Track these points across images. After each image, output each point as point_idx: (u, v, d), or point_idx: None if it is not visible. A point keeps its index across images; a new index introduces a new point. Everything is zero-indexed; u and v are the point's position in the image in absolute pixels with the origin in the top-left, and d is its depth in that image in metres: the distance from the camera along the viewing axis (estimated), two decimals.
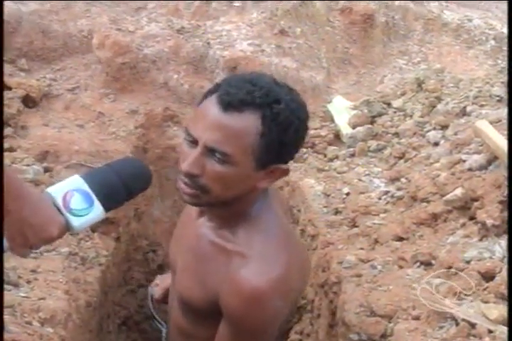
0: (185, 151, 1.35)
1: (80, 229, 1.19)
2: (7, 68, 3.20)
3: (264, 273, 1.36)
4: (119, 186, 1.21)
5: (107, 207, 1.19)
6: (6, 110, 2.75)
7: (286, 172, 1.41)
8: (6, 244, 1.12)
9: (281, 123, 1.31)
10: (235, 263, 1.39)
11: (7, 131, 2.68)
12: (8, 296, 1.76)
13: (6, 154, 2.49)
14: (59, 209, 1.15)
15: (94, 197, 1.17)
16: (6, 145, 2.57)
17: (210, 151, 1.31)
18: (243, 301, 1.35)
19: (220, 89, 1.34)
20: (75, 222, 1.16)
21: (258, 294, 1.34)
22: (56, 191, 1.15)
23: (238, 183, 1.36)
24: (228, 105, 1.29)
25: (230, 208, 1.42)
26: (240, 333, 1.41)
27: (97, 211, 1.18)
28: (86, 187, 1.17)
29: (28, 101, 2.99)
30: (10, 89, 2.95)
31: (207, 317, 1.50)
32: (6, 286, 1.80)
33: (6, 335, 1.58)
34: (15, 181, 1.09)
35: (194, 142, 1.33)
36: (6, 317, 1.65)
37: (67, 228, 1.16)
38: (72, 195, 1.15)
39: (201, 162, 1.32)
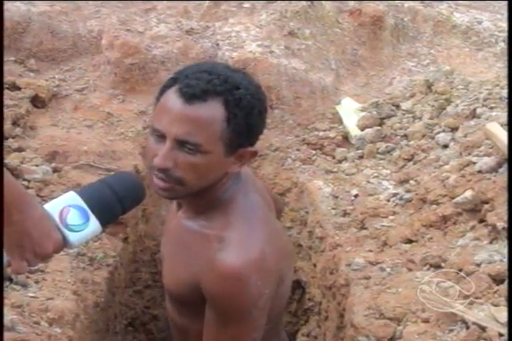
0: (153, 147, 1.38)
1: (77, 244, 1.20)
2: (16, 68, 3.21)
3: (241, 255, 1.39)
4: (114, 201, 1.22)
5: (102, 222, 1.20)
6: (15, 110, 2.76)
7: (254, 154, 1.45)
8: (5, 259, 1.12)
9: (244, 107, 1.36)
10: (213, 247, 1.41)
11: (16, 131, 2.68)
12: (17, 296, 1.76)
13: (14, 154, 2.49)
14: (56, 225, 1.16)
15: (90, 212, 1.18)
16: (14, 145, 2.57)
17: (180, 144, 1.34)
18: (222, 283, 1.38)
19: (178, 82, 1.36)
20: (72, 237, 1.17)
21: (236, 275, 1.37)
22: (52, 207, 1.16)
23: (211, 171, 1.39)
24: (191, 97, 1.33)
25: (204, 196, 1.44)
26: (225, 316, 1.42)
27: (94, 226, 1.19)
28: (82, 203, 1.18)
29: (37, 102, 2.99)
30: (19, 89, 2.96)
31: (195, 309, 1.52)
32: (14, 286, 1.81)
33: (14, 335, 1.58)
34: (20, 192, 1.09)
35: (162, 137, 1.35)
36: (15, 317, 1.66)
37: (64, 244, 1.17)
38: (69, 211, 1.16)
39: (172, 155, 1.34)
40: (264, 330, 1.48)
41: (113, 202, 1.22)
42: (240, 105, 1.35)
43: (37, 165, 2.46)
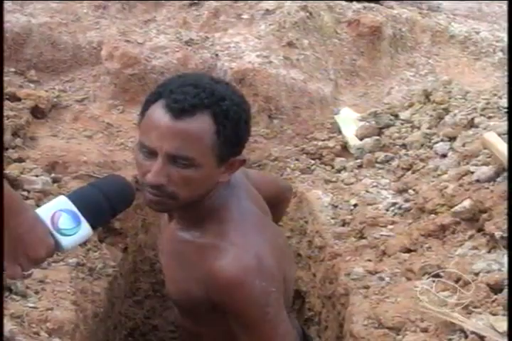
0: (143, 163, 1.38)
1: (69, 248, 1.20)
2: (17, 79, 3.22)
3: (240, 261, 1.40)
4: (105, 204, 1.23)
5: (93, 226, 1.21)
6: (15, 121, 2.77)
7: (243, 162, 1.46)
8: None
9: (232, 118, 1.37)
10: (210, 256, 1.42)
11: (16, 141, 2.69)
12: (16, 306, 1.76)
13: (14, 165, 2.50)
14: (48, 230, 1.16)
15: (81, 216, 1.19)
16: (14, 155, 2.58)
17: (172, 159, 1.34)
18: (228, 292, 1.39)
19: (163, 97, 1.36)
20: (65, 241, 1.18)
21: (239, 281, 1.38)
22: (44, 212, 1.17)
23: (204, 183, 1.40)
24: (180, 111, 1.33)
25: (195, 207, 1.45)
26: (244, 323, 1.43)
27: (85, 230, 1.20)
28: (73, 207, 1.19)
29: (37, 112, 3.01)
30: (19, 100, 2.97)
31: (200, 315, 1.53)
32: (13, 296, 1.81)
33: None
34: (11, 197, 1.10)
35: (152, 153, 1.35)
36: (14, 328, 1.66)
37: (56, 248, 1.18)
38: (60, 215, 1.17)
39: (165, 171, 1.34)
40: None
41: (103, 205, 1.23)
42: (228, 117, 1.36)
43: (37, 176, 2.47)
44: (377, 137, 3.02)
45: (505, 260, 1.88)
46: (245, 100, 1.46)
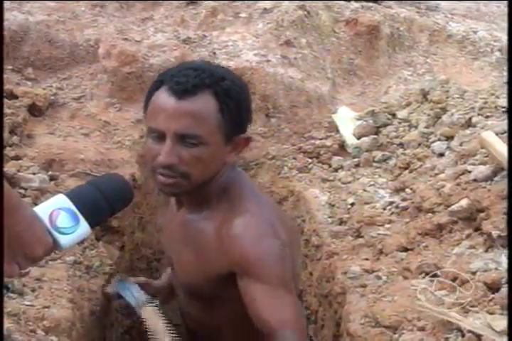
0: (153, 148, 1.43)
1: (68, 247, 1.20)
2: (14, 77, 3.21)
3: (255, 225, 1.45)
4: (103, 202, 1.22)
5: (92, 224, 1.21)
6: (12, 118, 2.76)
7: (248, 140, 1.51)
8: None
9: (234, 97, 1.43)
10: (225, 229, 1.46)
11: (13, 139, 2.69)
12: (13, 304, 1.76)
13: (11, 162, 2.49)
14: (46, 228, 1.16)
15: (79, 214, 1.18)
16: (11, 153, 2.57)
17: (181, 138, 1.39)
18: (247, 253, 1.42)
19: (165, 83, 1.43)
20: (63, 240, 1.17)
21: (257, 240, 1.43)
22: (42, 210, 1.17)
23: (213, 161, 1.45)
24: (183, 92, 1.39)
25: (205, 189, 1.49)
26: (263, 284, 1.42)
27: (83, 228, 1.19)
28: (71, 205, 1.18)
29: (34, 110, 3.00)
30: (16, 97, 2.96)
31: (212, 299, 1.55)
32: (10, 294, 1.80)
33: None
34: (10, 195, 1.10)
35: (161, 135, 1.40)
36: (11, 326, 1.65)
37: (54, 247, 1.17)
38: (59, 214, 1.16)
39: (176, 151, 1.39)
40: None
41: (102, 204, 1.22)
42: (230, 95, 1.42)
43: (34, 174, 2.46)
44: (375, 136, 3.02)
45: (502, 259, 1.88)
46: (244, 82, 1.52)
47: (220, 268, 1.47)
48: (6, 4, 3.42)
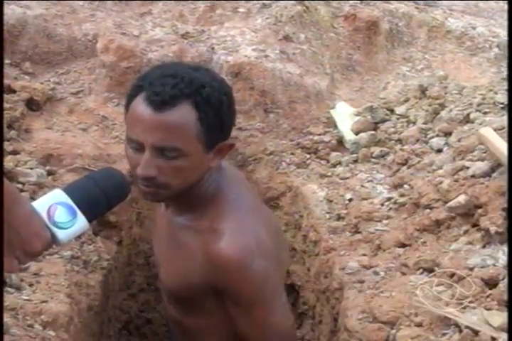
0: (132, 157, 1.40)
1: (66, 241, 1.20)
2: (12, 71, 3.20)
3: (238, 241, 1.42)
4: (100, 197, 1.22)
5: (89, 219, 1.21)
6: (10, 113, 2.76)
7: (231, 146, 1.48)
8: None
9: (214, 105, 1.38)
10: (208, 239, 1.44)
11: (11, 134, 2.68)
12: (11, 299, 1.76)
13: (9, 157, 2.49)
14: (44, 223, 1.16)
15: (77, 209, 1.18)
16: (9, 148, 2.57)
17: (159, 150, 1.36)
18: (228, 272, 1.41)
19: (143, 90, 1.38)
20: (61, 234, 1.17)
21: (239, 260, 1.41)
22: (40, 205, 1.17)
23: (194, 171, 1.42)
24: (161, 104, 1.34)
25: (189, 194, 1.47)
26: (245, 306, 1.45)
27: (81, 223, 1.19)
28: (68, 200, 1.18)
29: (32, 105, 2.99)
30: (14, 92, 2.96)
31: (193, 304, 1.54)
32: (8, 289, 1.80)
33: (8, 338, 1.58)
34: (8, 190, 1.10)
35: (139, 146, 1.37)
36: (8, 320, 1.65)
37: (52, 241, 1.17)
38: (56, 209, 1.17)
39: (154, 163, 1.36)
40: None
41: (99, 198, 1.22)
42: (210, 103, 1.37)
43: (31, 168, 2.46)
44: (373, 132, 3.02)
45: (499, 255, 1.89)
46: (226, 84, 1.47)
47: (202, 282, 1.47)
48: None
